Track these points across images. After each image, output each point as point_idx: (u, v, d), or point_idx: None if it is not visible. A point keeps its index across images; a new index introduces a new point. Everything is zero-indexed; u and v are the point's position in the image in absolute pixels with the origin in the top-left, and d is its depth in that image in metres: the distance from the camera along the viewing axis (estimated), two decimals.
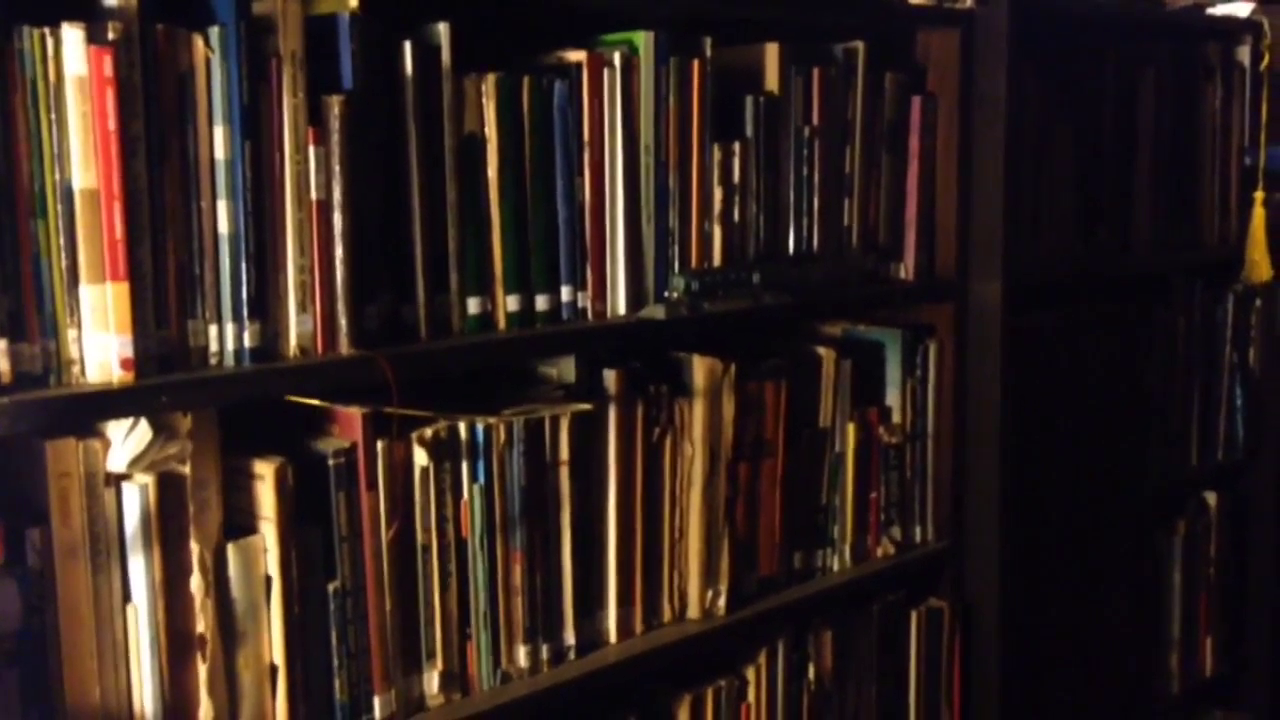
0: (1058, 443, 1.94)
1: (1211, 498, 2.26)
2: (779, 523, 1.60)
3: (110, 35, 1.03)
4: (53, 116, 1.02)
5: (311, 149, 1.17)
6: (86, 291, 1.04)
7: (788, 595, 1.61)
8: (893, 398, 1.75)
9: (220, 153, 1.11)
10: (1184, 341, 2.16)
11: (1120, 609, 2.10)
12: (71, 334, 1.04)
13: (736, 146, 1.53)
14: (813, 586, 1.64)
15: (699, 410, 1.50)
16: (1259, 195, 2.15)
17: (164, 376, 1.08)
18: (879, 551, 1.73)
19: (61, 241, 1.03)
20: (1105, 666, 2.09)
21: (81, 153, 1.03)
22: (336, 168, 1.18)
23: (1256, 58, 2.17)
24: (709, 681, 1.54)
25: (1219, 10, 2.12)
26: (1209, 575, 2.26)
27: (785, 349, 1.63)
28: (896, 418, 1.75)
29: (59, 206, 1.03)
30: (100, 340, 1.05)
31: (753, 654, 1.58)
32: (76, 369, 1.05)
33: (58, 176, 1.02)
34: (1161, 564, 2.19)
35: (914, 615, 1.77)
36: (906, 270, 1.75)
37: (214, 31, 1.10)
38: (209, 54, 1.10)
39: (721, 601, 1.53)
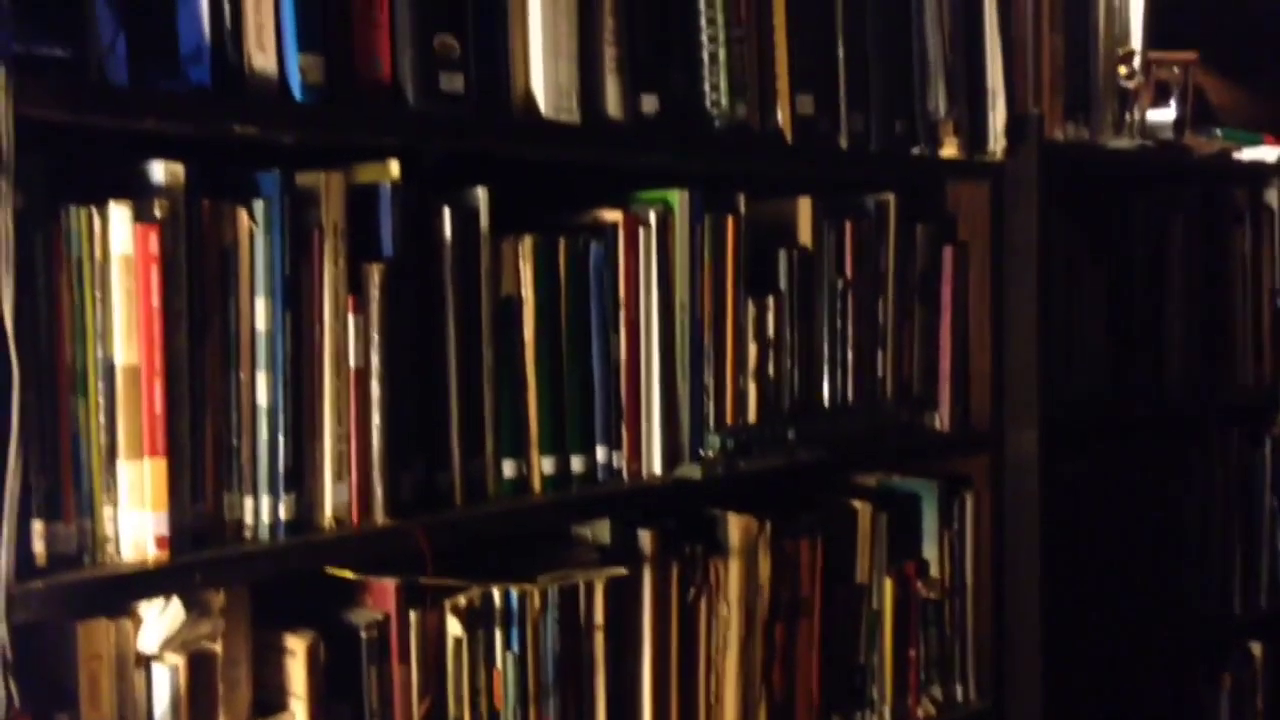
0: (1097, 592, 1.90)
1: (1257, 648, 2.19)
2: (816, 685, 1.56)
3: (157, 213, 1.03)
4: (97, 294, 1.02)
5: (351, 317, 1.16)
6: (124, 468, 1.03)
7: None
8: (930, 551, 1.71)
9: (261, 324, 1.11)
10: (1222, 485, 2.12)
11: None
12: (108, 512, 1.03)
13: (771, 301, 1.52)
14: None
15: (734, 570, 1.47)
16: None
17: (198, 553, 1.06)
18: (920, 712, 1.68)
19: (101, 419, 1.02)
20: None
21: (124, 329, 1.03)
22: (375, 335, 1.18)
23: None
24: None
25: (1245, 155, 2.13)
26: None
27: (820, 502, 1.61)
28: (934, 572, 1.71)
29: (100, 384, 1.02)
30: (136, 517, 1.03)
31: None
32: (111, 547, 1.03)
33: (100, 354, 1.02)
34: (1209, 712, 2.12)
35: None
36: (941, 420, 1.73)
37: (258, 205, 1.11)
38: (253, 227, 1.10)
39: None
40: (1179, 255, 2.05)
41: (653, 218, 1.41)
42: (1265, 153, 2.13)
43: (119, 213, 1.02)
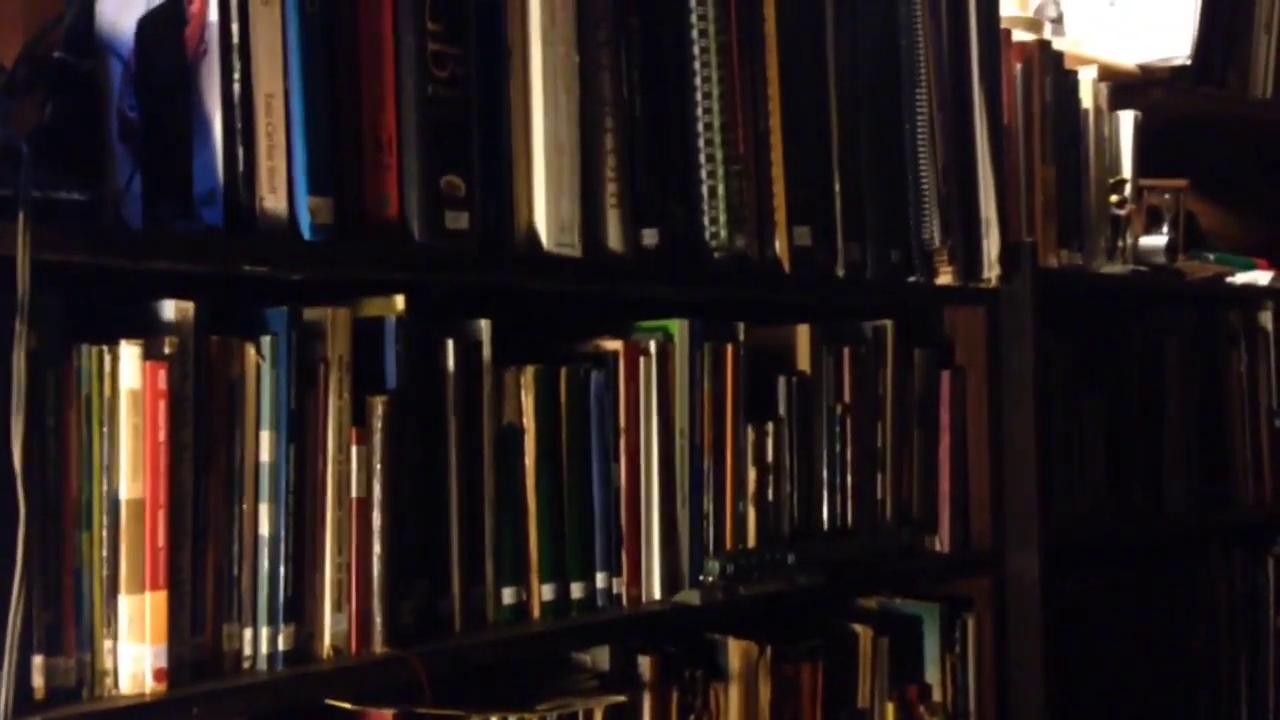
0: (1102, 715, 1.88)
1: None
2: None
3: (166, 350, 1.06)
4: (105, 429, 1.04)
5: (354, 449, 1.18)
6: (124, 602, 1.04)
7: None
8: (932, 675, 1.70)
9: (265, 456, 1.13)
10: (1226, 605, 2.11)
11: None
12: (107, 645, 1.04)
13: (770, 426, 1.54)
14: None
15: (735, 695, 1.46)
16: None
17: (196, 686, 1.06)
18: None
19: (105, 553, 1.04)
20: None
21: (130, 463, 1.05)
22: (378, 466, 1.20)
23: (1279, 323, 2.20)
24: None
25: (1239, 279, 2.17)
26: None
27: (821, 626, 1.60)
28: (937, 696, 1.70)
29: (104, 517, 1.04)
30: (135, 650, 1.04)
31: None
32: (109, 680, 1.04)
33: (105, 488, 1.04)
34: None
35: None
36: (942, 543, 1.74)
37: (266, 340, 1.13)
38: (260, 362, 1.13)
39: None
40: (1176, 377, 2.08)
41: (653, 347, 1.44)
42: (1258, 276, 2.17)
43: (129, 351, 1.05)
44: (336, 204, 1.16)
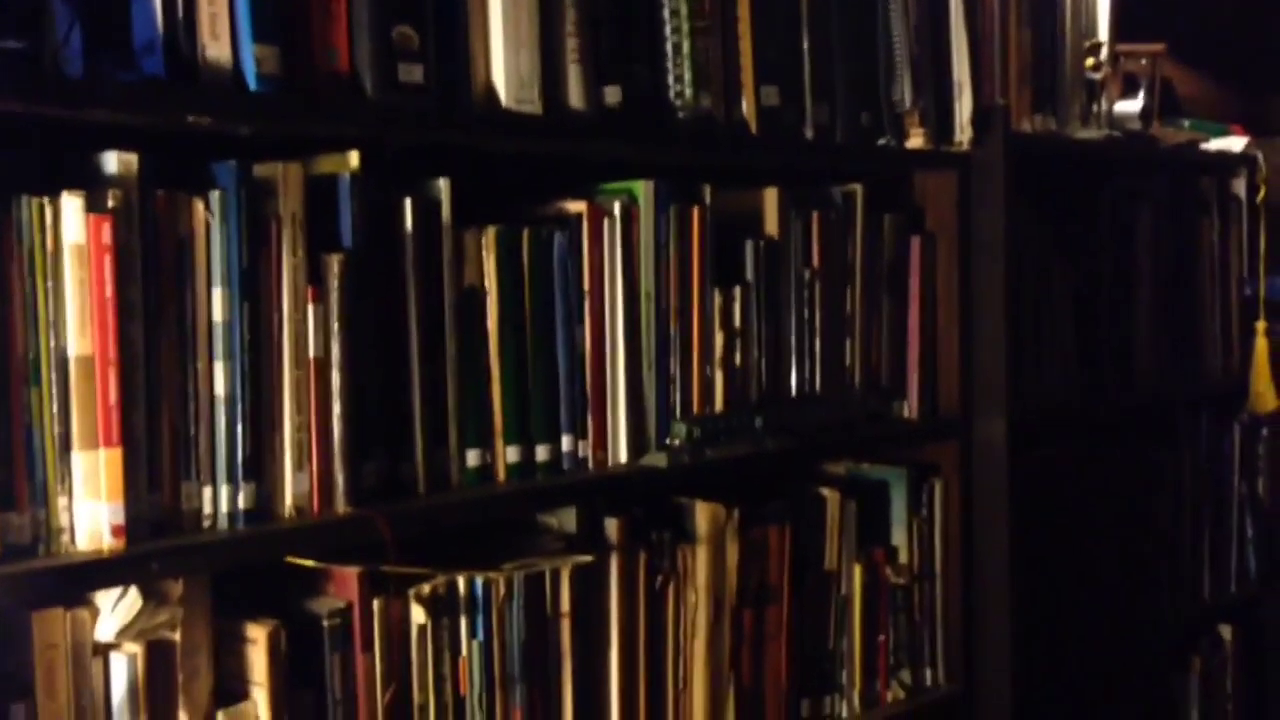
0: (1066, 580, 1.91)
1: (1227, 631, 2.21)
2: (785, 670, 1.56)
3: (110, 203, 1.03)
4: (49, 284, 1.02)
5: (310, 308, 1.16)
6: (78, 458, 1.03)
7: None
8: (899, 538, 1.72)
9: (218, 315, 1.11)
10: (1191, 474, 2.13)
11: None
12: (62, 502, 1.03)
13: (737, 291, 1.53)
14: None
15: (702, 557, 1.47)
16: (1260, 326, 2.15)
17: (156, 543, 1.06)
18: (889, 696, 1.69)
19: (55, 409, 1.02)
20: None
21: (77, 320, 1.03)
22: (335, 326, 1.18)
23: (1252, 190, 2.19)
24: None
25: (1213, 145, 2.15)
26: (1227, 711, 2.21)
27: (789, 491, 1.61)
28: (903, 558, 1.72)
29: (53, 374, 1.02)
30: (91, 508, 1.03)
31: None
32: (66, 537, 1.03)
33: (53, 344, 1.02)
34: (1179, 702, 2.13)
35: None
36: (910, 409, 1.74)
37: (215, 195, 1.11)
38: (209, 218, 1.10)
39: None
40: (1147, 246, 2.07)
41: (617, 209, 1.42)
42: (1232, 143, 2.15)
43: (71, 203, 1.02)
44: (283, 54, 1.12)
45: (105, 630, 1.04)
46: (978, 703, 1.77)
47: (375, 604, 1.20)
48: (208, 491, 1.11)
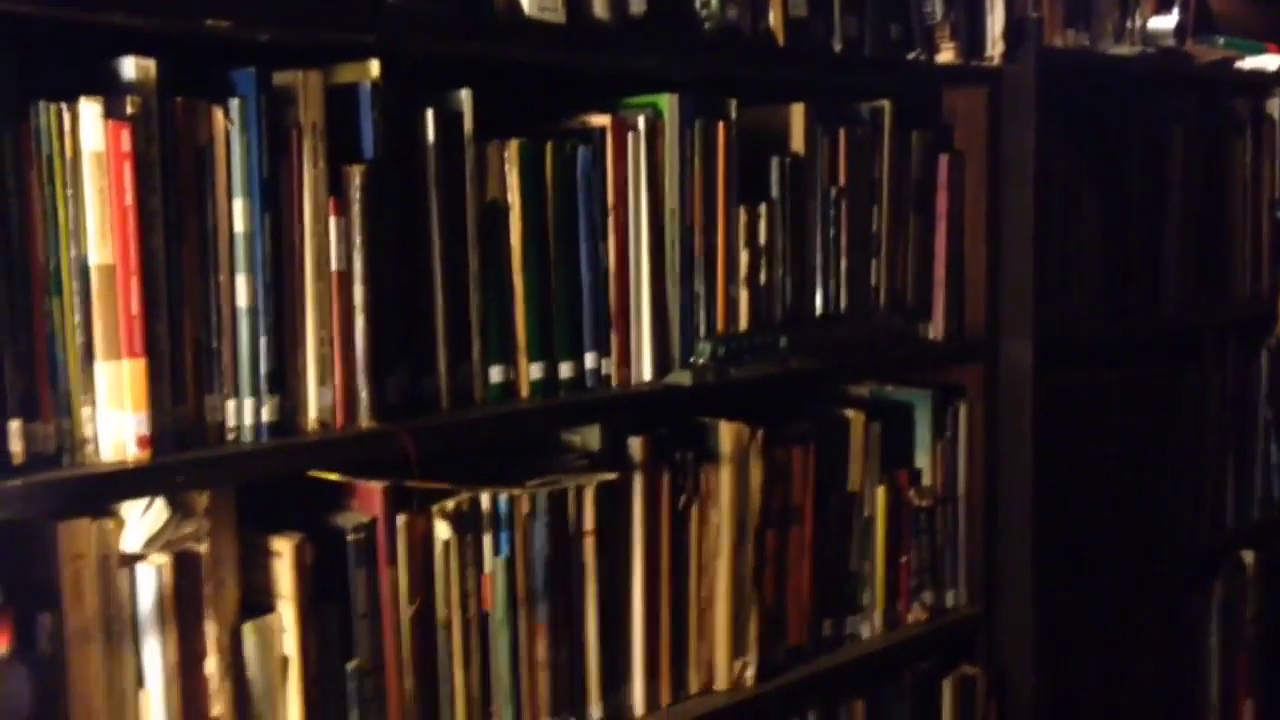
0: (1090, 504, 1.90)
1: (1249, 556, 2.20)
2: (808, 590, 1.56)
3: (129, 110, 1.01)
4: (69, 192, 1.00)
5: (332, 220, 1.15)
6: (102, 369, 1.02)
7: (818, 664, 1.57)
8: (923, 460, 1.71)
9: (239, 226, 1.09)
10: (1217, 399, 2.11)
11: (1156, 672, 2.05)
12: (86, 412, 1.02)
13: (762, 208, 1.50)
14: (843, 655, 1.60)
15: (726, 477, 1.46)
16: None
17: (180, 454, 1.05)
18: (910, 618, 1.69)
19: (77, 318, 1.01)
20: None
21: (98, 228, 1.01)
22: (357, 238, 1.16)
23: None
24: None
25: (1247, 64, 2.09)
26: (1247, 636, 2.21)
27: (813, 412, 1.60)
28: (927, 480, 1.71)
29: (74, 283, 1.01)
30: (115, 418, 1.02)
31: None
32: (90, 448, 1.02)
33: (74, 253, 1.01)
34: (1198, 627, 2.13)
35: (946, 684, 1.73)
36: (935, 330, 1.72)
37: (234, 103, 1.08)
38: (229, 126, 1.08)
39: (750, 672, 1.49)
40: (1178, 167, 2.03)
41: (641, 123, 1.39)
42: (1267, 61, 2.10)
43: (89, 109, 1.00)
44: None
45: (132, 541, 1.04)
46: (999, 624, 1.77)
47: (399, 519, 1.20)
48: (231, 404, 1.10)
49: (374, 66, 1.18)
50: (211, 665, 1.09)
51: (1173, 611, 2.07)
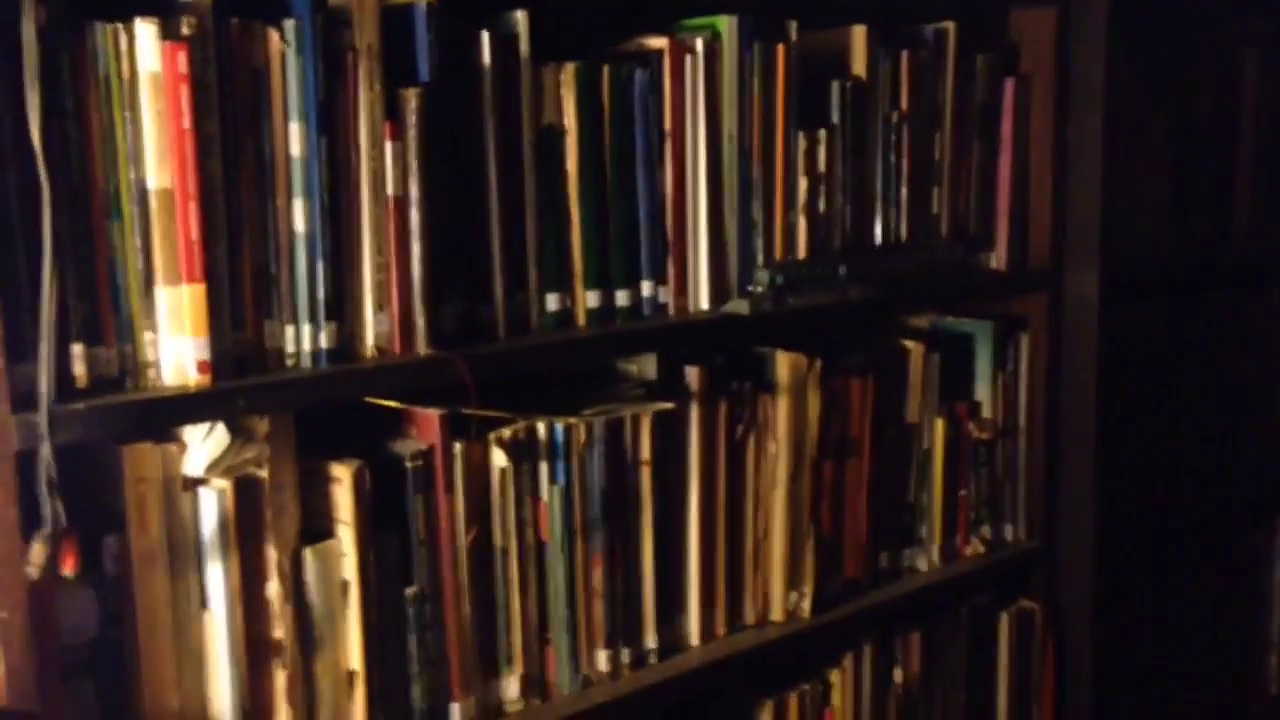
0: (1153, 438, 1.87)
1: None
2: (865, 522, 1.55)
3: (185, 30, 1.00)
4: (126, 114, 1.00)
5: (388, 144, 1.13)
6: (162, 294, 1.02)
7: (874, 597, 1.56)
8: (983, 392, 1.69)
9: (296, 150, 1.08)
10: None
11: (1217, 608, 2.02)
12: (148, 336, 1.02)
13: (822, 134, 1.47)
14: (900, 588, 1.59)
15: (783, 407, 1.45)
16: None
17: (240, 380, 1.05)
18: (968, 551, 1.67)
19: (137, 243, 1.01)
20: (1201, 667, 2.01)
21: (156, 152, 1.00)
22: (414, 163, 1.15)
23: None
24: (793, 686, 1.49)
25: None
26: None
27: (871, 342, 1.58)
28: (987, 412, 1.68)
29: (134, 207, 1.00)
30: (176, 343, 1.02)
31: (838, 657, 1.54)
32: (153, 372, 1.03)
33: (132, 176, 1.00)
34: (1260, 563, 2.10)
35: (1004, 617, 1.71)
36: (998, 260, 1.69)
37: (289, 25, 1.07)
38: (284, 48, 1.07)
39: (806, 604, 1.49)
40: (1250, 94, 1.96)
41: (699, 45, 1.36)
42: None
43: (145, 30, 0.99)
44: None
45: (194, 465, 1.05)
46: (1058, 559, 1.75)
47: (457, 447, 1.20)
48: (290, 330, 1.10)
49: None
50: (273, 588, 1.09)
51: (1234, 548, 2.04)
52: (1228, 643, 2.05)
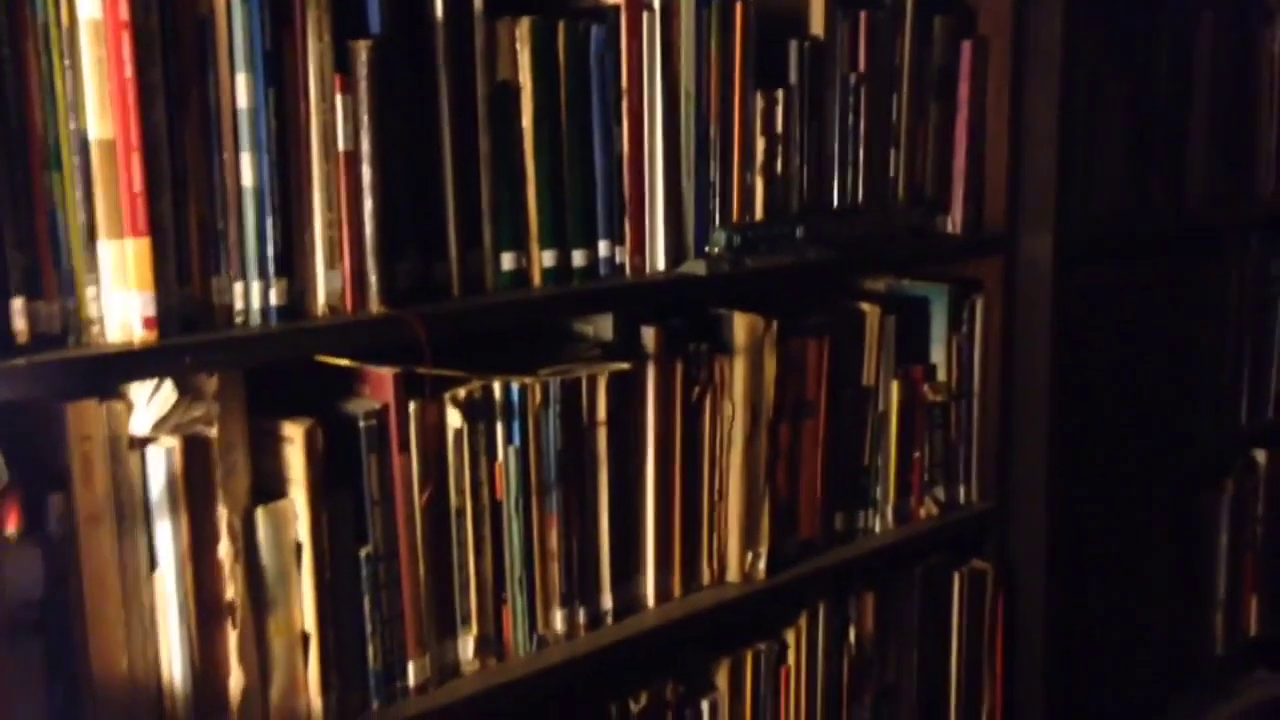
0: (1106, 402, 1.88)
1: (1261, 456, 2.19)
2: (820, 484, 1.55)
3: None
4: (66, 63, 0.97)
5: (338, 97, 1.11)
6: (105, 247, 0.99)
7: (829, 557, 1.57)
8: (938, 355, 1.69)
9: (243, 101, 1.06)
10: (1237, 297, 2.08)
11: (1165, 569, 2.05)
12: (91, 292, 1.00)
13: (780, 94, 1.46)
14: (854, 549, 1.60)
15: (740, 369, 1.44)
16: None
17: (188, 336, 1.03)
18: (922, 513, 1.68)
19: (78, 195, 0.98)
20: (1149, 627, 2.04)
21: (97, 101, 0.98)
22: (365, 117, 1.13)
23: None
24: (748, 645, 1.50)
25: None
26: (1256, 534, 2.21)
27: (828, 305, 1.58)
28: (941, 375, 1.69)
29: (75, 158, 0.98)
30: (121, 298, 1.00)
31: (793, 617, 1.54)
32: (96, 329, 1.00)
33: (73, 126, 0.98)
34: (1208, 524, 2.13)
35: (957, 578, 1.73)
36: (954, 223, 1.69)
37: None
38: None
39: (761, 564, 1.49)
40: (1206, 58, 1.97)
41: (657, 2, 1.34)
42: None
43: None
44: None
45: (140, 424, 1.03)
46: (1011, 521, 1.77)
47: (411, 406, 1.19)
48: (239, 287, 1.08)
49: None
50: (224, 549, 1.08)
51: (1184, 510, 2.07)
52: (1175, 602, 2.08)
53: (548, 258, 1.30)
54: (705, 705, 1.45)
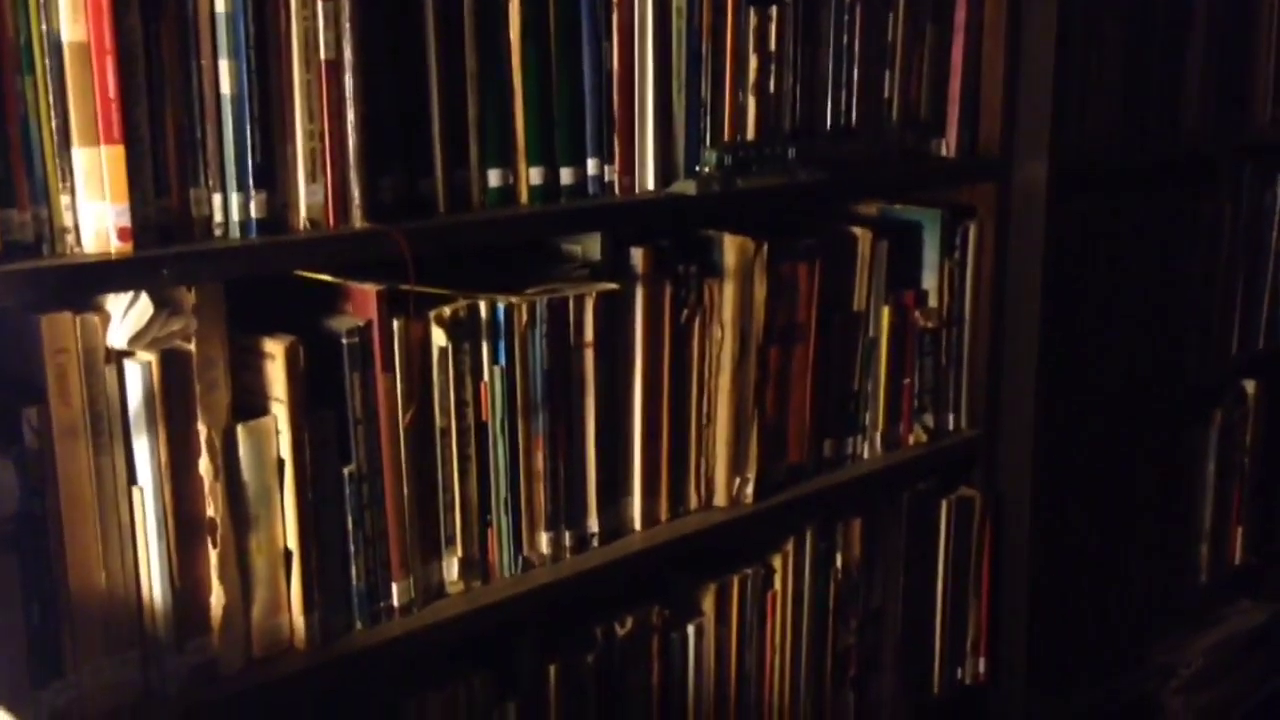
0: (1096, 330, 1.87)
1: (1250, 386, 2.19)
2: (809, 409, 1.54)
3: None
4: None
5: (319, 4, 1.08)
6: (79, 155, 0.97)
7: (817, 483, 1.56)
8: (929, 281, 1.67)
9: (220, 5, 1.03)
10: (1230, 226, 2.07)
11: (1152, 498, 2.06)
12: (64, 200, 0.97)
13: (774, 11, 1.43)
14: (842, 474, 1.59)
15: (729, 291, 1.43)
16: None
17: (165, 248, 1.01)
18: (911, 439, 1.68)
19: (51, 100, 0.95)
20: (1135, 555, 2.05)
21: (70, 2, 0.95)
22: (347, 25, 1.10)
23: None
24: (735, 570, 1.50)
25: None
26: (1243, 465, 2.21)
27: (819, 228, 1.55)
28: (933, 301, 1.67)
29: (47, 61, 0.95)
30: (95, 208, 0.98)
31: (780, 542, 1.54)
32: (71, 238, 0.98)
33: (44, 28, 0.94)
34: (1196, 454, 2.13)
35: (944, 504, 1.73)
36: (948, 147, 1.66)
37: None
38: None
39: (749, 489, 1.49)
40: None
41: None
42: None
43: None
44: None
45: (117, 337, 1.01)
46: (999, 448, 1.76)
47: (395, 324, 1.17)
48: (218, 198, 1.05)
49: None
50: (204, 465, 1.06)
51: (1173, 440, 2.07)
52: (1162, 531, 2.09)
53: (535, 175, 1.27)
54: (691, 630, 1.45)
